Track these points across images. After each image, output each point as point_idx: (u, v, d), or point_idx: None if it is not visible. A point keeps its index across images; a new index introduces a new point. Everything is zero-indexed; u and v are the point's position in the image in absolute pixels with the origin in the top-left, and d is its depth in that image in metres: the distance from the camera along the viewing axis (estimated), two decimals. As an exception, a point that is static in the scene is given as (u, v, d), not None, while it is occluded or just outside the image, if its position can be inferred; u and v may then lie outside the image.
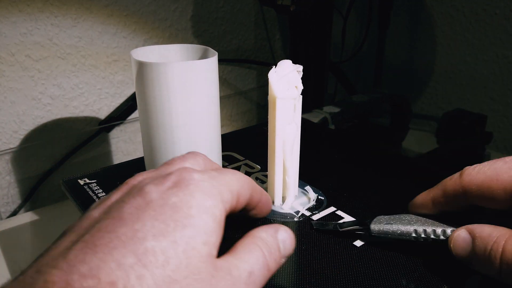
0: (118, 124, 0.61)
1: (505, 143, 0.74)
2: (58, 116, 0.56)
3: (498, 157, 0.26)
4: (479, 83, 0.75)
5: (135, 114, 0.63)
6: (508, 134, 0.73)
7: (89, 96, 0.58)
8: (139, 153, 0.65)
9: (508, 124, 0.73)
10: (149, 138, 0.34)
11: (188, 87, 0.32)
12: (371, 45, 0.88)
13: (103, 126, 0.60)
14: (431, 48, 0.81)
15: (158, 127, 0.33)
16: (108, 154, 0.63)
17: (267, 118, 0.33)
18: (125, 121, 0.62)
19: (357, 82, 0.95)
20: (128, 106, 0.61)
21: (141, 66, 0.31)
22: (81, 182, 0.39)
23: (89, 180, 0.39)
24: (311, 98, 0.67)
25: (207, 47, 0.36)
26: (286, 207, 0.34)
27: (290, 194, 0.34)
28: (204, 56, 0.36)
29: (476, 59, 0.75)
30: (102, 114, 0.60)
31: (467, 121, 0.62)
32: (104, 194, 0.36)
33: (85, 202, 0.35)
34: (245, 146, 0.46)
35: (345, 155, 0.44)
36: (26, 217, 0.54)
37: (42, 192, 0.58)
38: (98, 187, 0.38)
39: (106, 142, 0.62)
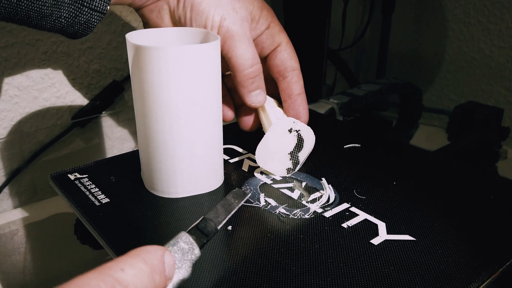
0: (93, 118, 0.60)
1: (522, 138, 0.75)
2: (27, 110, 0.55)
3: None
4: (495, 73, 0.74)
5: (111, 108, 0.61)
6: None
7: (61, 87, 0.57)
8: (116, 151, 0.64)
9: (526, 117, 0.75)
10: (145, 129, 0.34)
11: (188, 73, 0.32)
12: (374, 31, 0.88)
13: (77, 120, 0.59)
14: (440, 34, 0.80)
15: (156, 117, 0.33)
16: (82, 151, 0.61)
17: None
18: (101, 115, 0.61)
19: (359, 72, 0.96)
20: (105, 98, 0.59)
21: (138, 51, 0.31)
22: (71, 177, 0.38)
23: (80, 174, 0.39)
24: (308, 90, 0.65)
25: (208, 30, 0.35)
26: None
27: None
28: (205, 40, 0.36)
29: (491, 45, 0.74)
30: (76, 107, 0.59)
31: (481, 115, 0.62)
32: (97, 190, 0.36)
33: (78, 198, 0.35)
34: (247, 139, 0.45)
35: (355, 148, 0.45)
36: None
37: (9, 193, 0.56)
38: (91, 183, 0.37)
39: (80, 138, 0.60)
